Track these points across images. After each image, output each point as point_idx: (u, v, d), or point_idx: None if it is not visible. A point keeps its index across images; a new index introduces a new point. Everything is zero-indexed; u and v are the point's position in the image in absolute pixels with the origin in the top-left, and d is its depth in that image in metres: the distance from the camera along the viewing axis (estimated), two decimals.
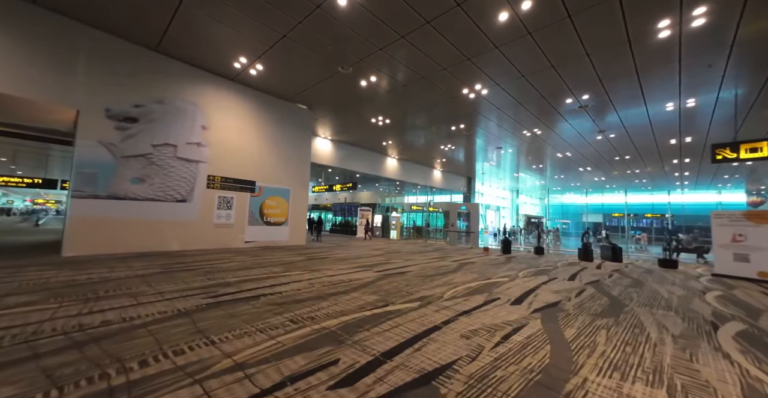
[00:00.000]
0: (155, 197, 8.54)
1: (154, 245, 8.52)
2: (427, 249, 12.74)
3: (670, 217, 26.06)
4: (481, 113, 12.06)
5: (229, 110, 10.32)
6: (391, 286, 5.47)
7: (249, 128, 10.84)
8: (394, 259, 9.15)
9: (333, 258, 8.77)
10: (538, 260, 10.42)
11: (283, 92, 11.26)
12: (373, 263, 8.19)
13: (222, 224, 10.03)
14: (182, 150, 9.07)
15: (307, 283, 5.43)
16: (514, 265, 8.89)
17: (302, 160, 12.53)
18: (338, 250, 11.13)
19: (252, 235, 10.83)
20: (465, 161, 20.89)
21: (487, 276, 6.84)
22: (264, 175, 11.20)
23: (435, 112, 12.17)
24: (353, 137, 16.34)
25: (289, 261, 7.83)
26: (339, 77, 9.72)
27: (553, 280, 6.72)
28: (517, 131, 13.77)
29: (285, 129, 11.89)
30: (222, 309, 3.75)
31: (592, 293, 5.59)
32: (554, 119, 12.07)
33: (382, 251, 11.43)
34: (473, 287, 5.63)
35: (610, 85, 9.13)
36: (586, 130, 13.16)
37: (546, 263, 9.54)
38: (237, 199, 10.42)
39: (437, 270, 7.39)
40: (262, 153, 11.21)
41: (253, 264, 7.13)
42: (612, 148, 15.29)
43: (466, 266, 8.36)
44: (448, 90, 10.23)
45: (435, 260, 9.21)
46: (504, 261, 9.69)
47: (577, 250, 10.74)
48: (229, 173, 10.22)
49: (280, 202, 11.70)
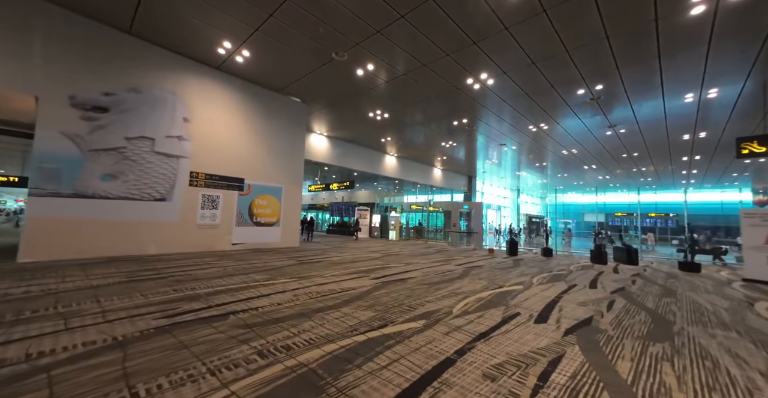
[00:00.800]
0: (130, 196, 7.67)
1: (128, 248, 7.64)
2: (428, 251, 11.90)
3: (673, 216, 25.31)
4: (486, 107, 11.23)
5: (215, 101, 9.46)
6: (390, 298, 4.63)
7: (237, 121, 9.98)
8: (393, 263, 8.32)
9: (326, 262, 7.92)
10: (549, 263, 9.60)
11: (273, 83, 10.40)
12: (369, 267, 7.35)
13: (206, 225, 9.16)
14: (161, 144, 8.19)
15: (292, 294, 4.58)
16: (524, 269, 8.06)
17: (295, 156, 11.67)
18: (333, 252, 10.28)
19: (240, 237, 9.96)
20: (466, 159, 20.07)
21: (498, 283, 6.01)
22: (253, 172, 10.34)
23: (437, 105, 11.33)
24: (350, 133, 15.49)
25: (276, 266, 6.98)
26: (334, 66, 8.87)
27: (573, 288, 5.89)
28: (522, 126, 12.95)
29: (277, 123, 11.03)
30: (173, 336, 2.89)
31: (624, 305, 4.76)
32: (563, 112, 11.26)
33: (380, 253, 10.59)
34: (485, 298, 4.79)
35: (627, 73, 8.31)
36: (595, 125, 12.35)
37: (558, 267, 8.72)
38: (223, 198, 9.56)
39: (442, 276, 6.56)
40: (252, 149, 10.34)
41: (235, 270, 6.28)
42: (620, 144, 14.49)
43: (473, 271, 7.53)
44: (452, 80, 9.39)
45: (438, 264, 8.38)
46: (512, 265, 8.87)
47: (589, 252, 9.93)
48: (214, 170, 9.36)
49: (272, 201, 10.84)
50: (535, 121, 12.29)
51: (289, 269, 6.73)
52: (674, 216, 25.33)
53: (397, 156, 19.58)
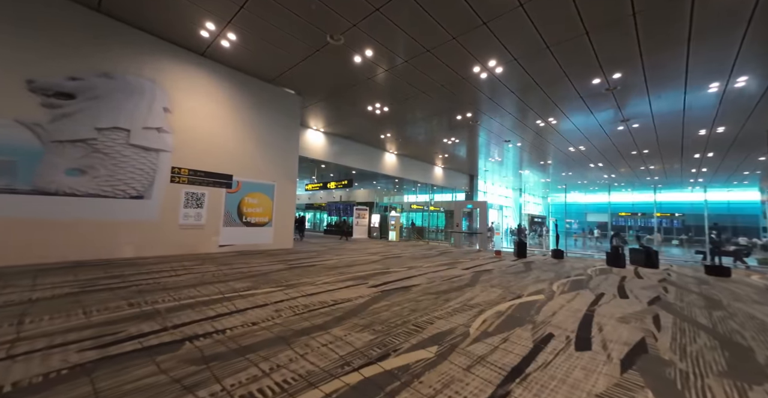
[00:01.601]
0: (101, 193, 6.82)
1: (100, 251, 6.79)
2: (430, 253, 11.07)
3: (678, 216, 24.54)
4: (492, 99, 10.42)
5: (200, 90, 8.61)
6: (392, 312, 3.80)
7: (225, 112, 9.13)
8: (394, 267, 7.48)
9: (320, 267, 7.08)
10: (562, 266, 8.78)
11: (264, 72, 9.55)
12: (368, 272, 6.52)
13: (190, 225, 8.31)
14: (137, 136, 7.35)
15: (273, 309, 3.75)
16: (539, 274, 7.24)
17: (289, 152, 10.83)
18: (329, 254, 9.44)
19: (228, 238, 9.11)
20: (467, 157, 19.26)
21: (515, 292, 5.18)
22: (243, 168, 9.49)
23: (440, 97, 10.51)
24: (348, 129, 14.66)
25: (263, 272, 6.14)
26: (329, 52, 8.05)
27: (601, 298, 5.07)
28: (529, 120, 12.14)
29: (269, 116, 10.19)
30: (91, 382, 2.05)
31: (673, 322, 3.93)
32: (574, 105, 10.44)
33: (380, 255, 9.76)
34: (506, 313, 3.96)
35: (651, 58, 7.49)
36: (607, 119, 11.54)
37: (574, 271, 7.90)
38: (209, 196, 8.71)
39: (449, 283, 5.72)
40: (241, 143, 9.50)
41: (214, 277, 5.44)
42: (631, 141, 13.69)
43: (483, 276, 6.70)
44: (458, 68, 8.57)
45: (443, 268, 7.55)
46: (524, 269, 8.04)
47: (606, 254, 9.11)
48: (199, 165, 8.51)
49: (263, 199, 10.00)
50: (544, 115, 11.48)
51: (277, 275, 5.89)
52: (680, 216, 24.58)
53: (396, 154, 18.75)
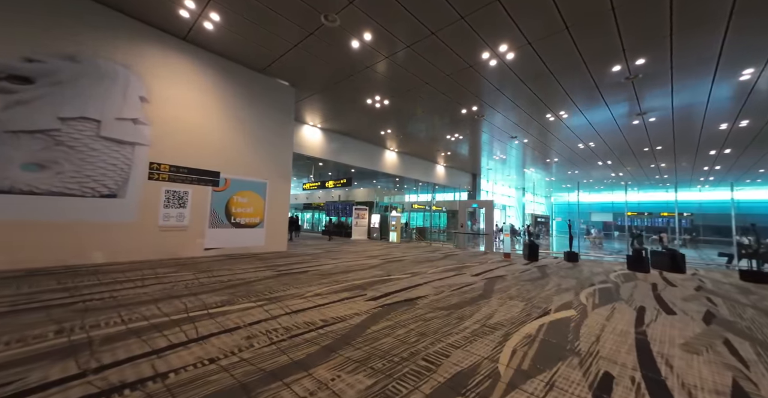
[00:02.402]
0: (66, 191, 5.98)
1: (64, 257, 5.95)
2: (434, 256, 10.23)
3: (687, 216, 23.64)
4: (501, 90, 9.57)
5: (182, 79, 7.78)
6: (395, 338, 2.96)
7: (211, 104, 8.30)
8: (395, 273, 6.64)
9: (312, 273, 6.24)
10: (580, 270, 7.93)
11: (254, 60, 8.71)
12: (366, 280, 5.67)
13: (171, 226, 7.47)
14: (109, 127, 6.51)
15: (244, 336, 2.90)
16: (558, 281, 6.38)
17: (283, 148, 9.99)
18: (325, 259, 8.60)
19: (215, 240, 8.27)
20: (470, 154, 18.42)
21: (539, 306, 4.34)
22: (231, 164, 8.65)
23: (444, 88, 9.67)
24: (347, 124, 13.82)
25: (247, 280, 5.30)
26: (324, 35, 7.21)
27: (644, 314, 4.22)
28: (539, 114, 11.29)
29: (260, 109, 9.36)
30: None
31: (756, 351, 3.08)
32: (589, 97, 9.60)
33: (380, 259, 8.91)
34: (537, 337, 3.12)
35: (682, 40, 6.65)
36: (622, 112, 10.70)
37: (596, 277, 7.05)
38: (193, 194, 7.87)
39: (461, 295, 4.88)
40: (230, 137, 8.66)
41: (186, 288, 4.60)
42: (645, 136, 12.84)
43: (497, 283, 5.85)
44: (465, 54, 7.73)
45: (451, 274, 6.70)
46: (540, 274, 7.19)
47: (626, 257, 8.25)
48: (181, 161, 7.67)
49: (254, 198, 9.15)
50: (555, 108, 10.63)
51: (262, 284, 5.04)
52: (688, 215, 23.70)
53: (397, 151, 17.91)
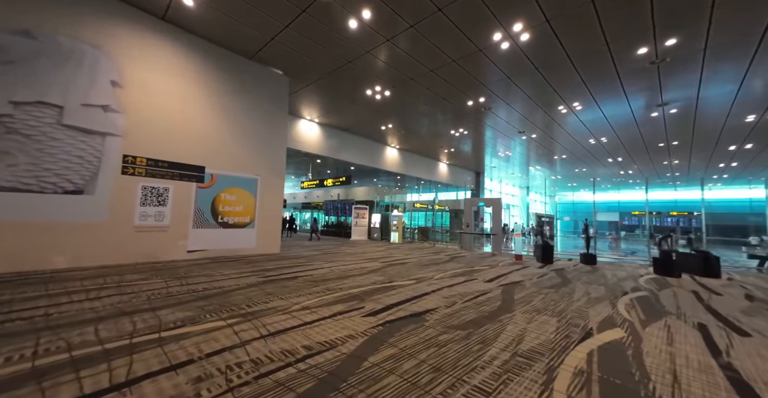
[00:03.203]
0: (20, 187, 5.18)
1: (18, 262, 5.15)
2: (440, 258, 9.39)
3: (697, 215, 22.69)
4: (512, 78, 8.73)
5: (161, 63, 6.97)
6: (401, 378, 2.12)
7: (195, 92, 7.49)
8: (398, 278, 5.81)
9: (305, 279, 5.41)
10: (602, 275, 7.09)
11: (242, 44, 7.89)
12: (365, 288, 4.84)
13: (149, 226, 6.66)
14: (74, 114, 5.70)
15: (191, 377, 2.07)
16: (585, 288, 5.54)
17: (275, 142, 9.17)
18: (320, 261, 7.78)
19: (200, 242, 7.46)
20: (474, 152, 17.59)
21: (576, 323, 3.50)
22: (218, 159, 7.84)
23: (450, 76, 8.83)
24: (346, 119, 13.00)
25: (226, 289, 4.48)
26: (318, 13, 6.39)
27: (709, 333, 3.38)
28: (551, 106, 10.45)
29: (251, 99, 8.54)
30: None
31: None
32: (608, 85, 8.76)
33: (381, 261, 8.09)
34: (591, 374, 2.28)
35: (723, 15, 5.81)
36: (641, 104, 9.84)
37: (625, 283, 6.21)
38: (175, 191, 7.06)
39: (477, 307, 4.04)
40: (216, 129, 7.85)
41: (147, 301, 3.78)
42: (662, 130, 11.98)
43: (516, 291, 5.01)
44: (474, 36, 6.90)
45: (461, 280, 5.87)
46: (559, 279, 6.35)
47: (651, 260, 7.41)
48: (161, 154, 6.86)
49: (243, 196, 8.34)
50: (570, 99, 9.78)
51: (242, 294, 4.22)
52: (698, 215, 22.77)
53: (398, 148, 17.08)
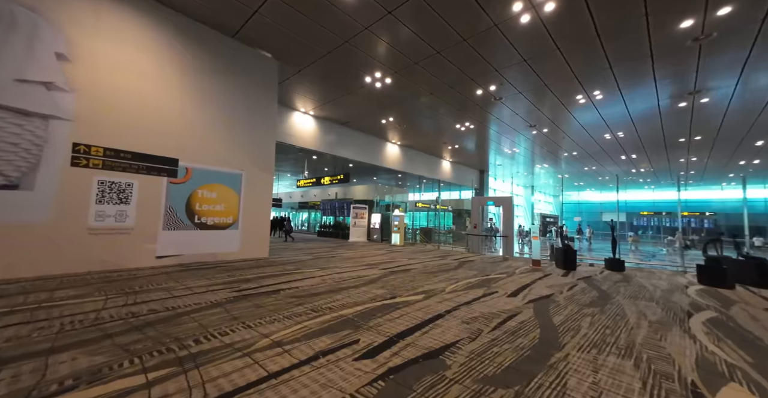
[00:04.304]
0: None
1: None
2: (447, 263, 8.30)
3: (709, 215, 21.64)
4: (528, 61, 7.64)
5: (125, 36, 5.88)
6: None
7: (168, 72, 6.40)
8: (402, 292, 4.72)
9: (288, 293, 4.32)
10: (641, 285, 6.00)
11: (221, 18, 6.79)
12: (361, 307, 3.75)
13: (108, 228, 5.57)
14: (5, 92, 4.61)
15: None
16: (631, 305, 4.45)
17: (264, 132, 8.08)
18: (312, 267, 6.68)
19: (172, 246, 6.36)
20: (478, 149, 16.51)
21: (668, 373, 2.41)
22: (195, 150, 6.76)
23: (459, 60, 7.73)
24: (343, 111, 11.90)
25: (180, 310, 3.39)
26: None
27: None
28: (569, 94, 9.35)
29: (236, 84, 7.46)
30: None
31: None
32: (636, 69, 7.66)
33: (382, 268, 7.00)
34: None
35: None
36: (670, 91, 8.74)
37: (676, 297, 5.12)
38: (141, 187, 5.97)
39: (511, 340, 2.94)
40: (193, 117, 6.77)
41: (48, 338, 2.69)
42: (687, 123, 10.88)
43: (552, 311, 3.92)
44: (491, 8, 5.81)
45: (478, 294, 4.78)
46: (596, 292, 5.26)
47: (696, 267, 6.31)
48: (123, 143, 5.77)
49: (225, 193, 7.25)
50: (591, 86, 8.69)
51: (195, 320, 3.13)
52: (710, 215, 21.71)
53: (399, 144, 15.99)
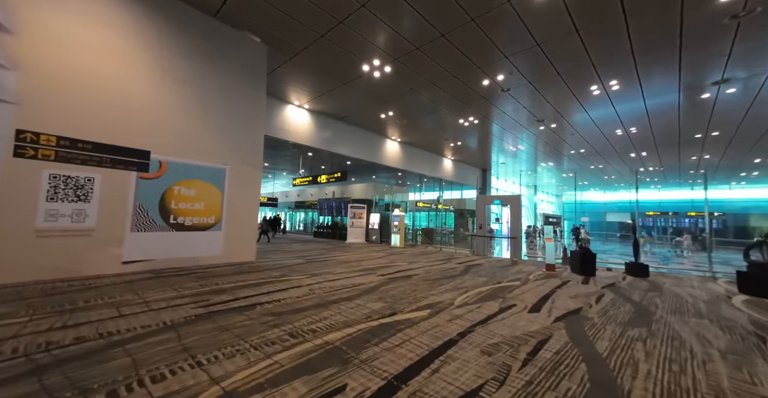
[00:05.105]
0: None
1: None
2: (452, 268, 7.50)
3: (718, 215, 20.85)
4: (543, 46, 6.85)
5: (86, 7, 5.07)
6: None
7: (142, 54, 5.60)
8: (404, 305, 3.92)
9: (265, 309, 3.51)
10: (676, 295, 5.20)
11: None
12: (353, 330, 2.94)
13: (63, 230, 4.76)
14: None
15: None
16: (686, 325, 3.65)
17: (251, 124, 7.28)
18: (301, 273, 5.87)
19: (142, 249, 5.55)
20: (481, 147, 15.75)
21: None
22: (171, 142, 5.95)
23: (465, 44, 6.93)
24: (340, 105, 11.10)
25: (118, 338, 2.59)
26: None
27: None
28: (583, 85, 8.55)
29: (220, 70, 6.66)
30: None
31: None
32: (662, 53, 6.88)
33: (380, 273, 6.20)
34: None
35: None
36: (695, 80, 7.96)
37: (724, 310, 4.32)
38: (104, 182, 5.17)
39: (553, 384, 2.15)
40: (169, 104, 5.96)
41: None
42: (707, 117, 10.10)
43: (593, 337, 3.11)
44: None
45: (494, 309, 3.97)
46: (630, 307, 4.45)
47: (737, 274, 5.52)
48: (82, 132, 4.96)
49: (206, 191, 6.44)
50: (608, 74, 7.90)
51: (129, 354, 2.32)
52: (719, 215, 20.93)
53: (399, 141, 15.19)
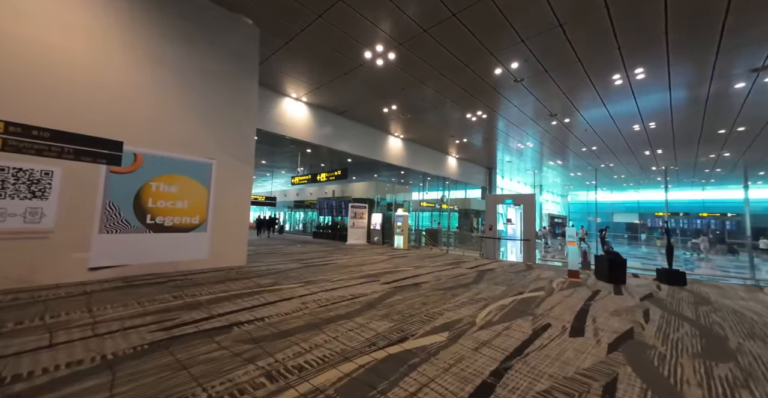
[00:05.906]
0: None
1: None
2: (463, 274, 6.74)
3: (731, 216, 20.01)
4: (565, 27, 6.08)
5: None
6: None
7: (117, 30, 4.86)
8: (413, 324, 3.16)
9: (239, 335, 2.77)
10: (734, 311, 4.42)
11: None
12: (349, 365, 2.20)
13: (12, 231, 4.01)
14: None
15: None
16: None
17: (241, 115, 6.54)
18: (294, 281, 5.12)
19: (112, 253, 4.81)
20: (487, 144, 14.99)
21: None
22: (148, 131, 5.21)
23: (477, 25, 6.17)
24: (340, 97, 10.35)
25: (30, 383, 1.85)
26: None
27: None
28: (604, 74, 7.77)
29: (205, 53, 5.92)
30: None
31: None
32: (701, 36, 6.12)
33: (384, 281, 5.44)
34: None
35: None
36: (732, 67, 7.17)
37: None
38: (65, 177, 4.43)
39: None
40: (145, 87, 5.22)
41: None
42: (736, 110, 9.29)
43: (666, 372, 2.36)
44: None
45: (527, 333, 3.22)
46: (688, 327, 3.69)
47: None
48: (37, 117, 4.22)
49: (190, 187, 5.70)
50: (635, 60, 7.12)
51: None
52: (733, 216, 20.12)
53: (402, 138, 14.44)
